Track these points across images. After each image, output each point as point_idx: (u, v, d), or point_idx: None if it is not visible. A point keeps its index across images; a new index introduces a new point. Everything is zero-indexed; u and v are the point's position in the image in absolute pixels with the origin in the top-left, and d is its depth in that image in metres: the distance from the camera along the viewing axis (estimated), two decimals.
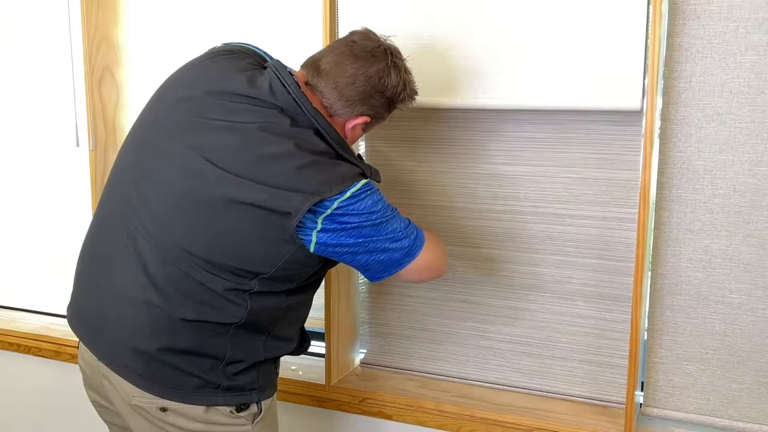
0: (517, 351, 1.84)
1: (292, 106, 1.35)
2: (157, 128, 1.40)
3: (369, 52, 1.40)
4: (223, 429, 1.42)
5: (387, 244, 1.36)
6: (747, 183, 1.56)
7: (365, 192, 1.32)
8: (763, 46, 1.50)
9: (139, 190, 1.38)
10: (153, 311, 1.35)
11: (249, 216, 1.30)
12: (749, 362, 1.61)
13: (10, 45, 2.25)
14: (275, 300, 1.41)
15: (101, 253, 1.44)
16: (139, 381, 1.37)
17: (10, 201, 2.35)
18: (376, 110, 1.44)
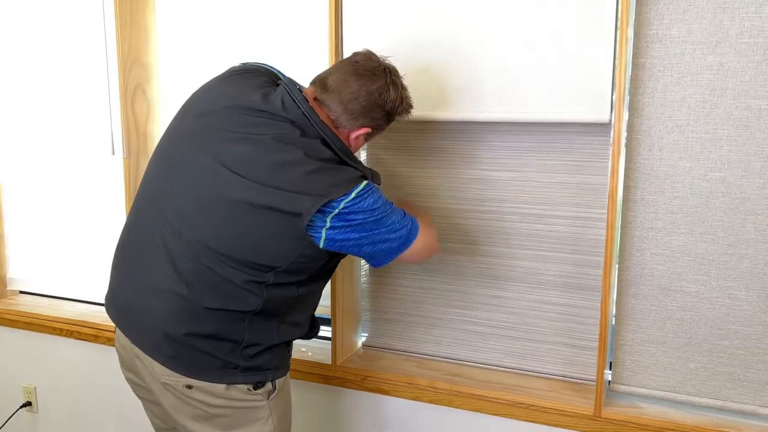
0: (500, 335, 1.84)
1: (301, 119, 1.35)
2: (183, 139, 1.40)
3: (370, 71, 1.41)
4: (241, 404, 1.43)
5: (387, 235, 1.37)
6: (702, 187, 1.56)
7: (367, 192, 1.33)
8: (716, 66, 1.51)
9: (168, 194, 1.39)
10: (180, 301, 1.36)
11: (265, 217, 1.31)
12: (704, 344, 1.62)
13: (54, 65, 2.26)
14: (288, 290, 1.41)
15: (135, 250, 1.45)
16: (167, 362, 1.38)
17: (54, 203, 2.36)
18: (376, 122, 1.45)
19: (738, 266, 1.58)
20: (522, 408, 1.73)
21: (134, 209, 1.49)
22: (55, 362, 2.35)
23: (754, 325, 1.59)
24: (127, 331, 1.45)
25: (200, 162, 1.35)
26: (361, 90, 1.40)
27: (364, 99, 1.40)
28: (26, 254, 2.46)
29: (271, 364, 1.46)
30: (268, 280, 1.37)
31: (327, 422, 1.99)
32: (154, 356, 1.40)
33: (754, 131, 1.52)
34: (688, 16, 1.52)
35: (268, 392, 1.46)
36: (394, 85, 1.43)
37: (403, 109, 1.47)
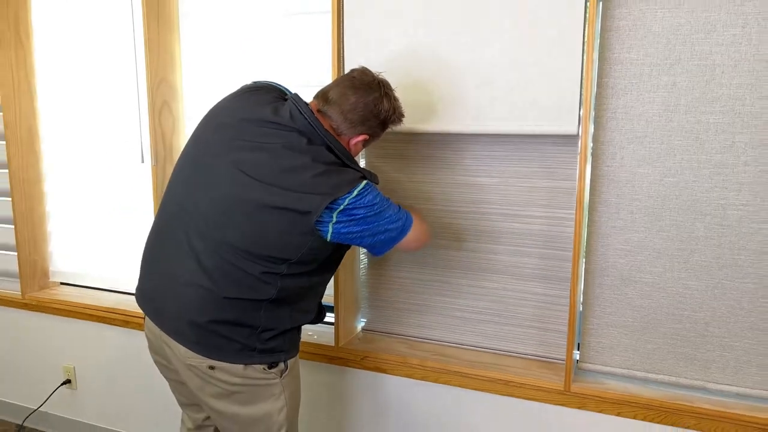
0: (482, 320, 1.83)
1: (308, 128, 1.35)
2: (204, 149, 1.39)
3: (366, 84, 1.40)
4: (257, 382, 1.41)
5: (386, 226, 1.36)
6: (658, 190, 1.56)
7: (367, 190, 1.32)
8: (670, 85, 1.51)
9: (191, 197, 1.37)
10: (204, 292, 1.35)
11: (278, 215, 1.29)
12: (660, 328, 1.62)
13: (92, 85, 2.25)
14: (300, 280, 1.40)
15: (162, 248, 1.43)
16: (192, 346, 1.37)
17: (91, 205, 2.34)
18: (373, 130, 1.44)
19: (689, 259, 1.57)
20: (501, 384, 1.72)
21: (161, 212, 1.47)
22: (91, 345, 2.34)
23: (703, 311, 1.58)
24: (156, 319, 1.43)
25: (220, 169, 1.34)
26: (359, 102, 1.39)
27: (361, 110, 1.39)
28: (67, 250, 2.45)
29: (284, 347, 1.44)
30: (282, 271, 1.35)
31: (331, 397, 1.98)
32: (180, 341, 1.38)
33: (703, 142, 1.51)
34: (646, 41, 1.51)
35: (281, 371, 1.44)
36: (387, 97, 1.42)
37: (395, 118, 1.47)
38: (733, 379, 1.58)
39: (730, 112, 1.47)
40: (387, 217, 1.36)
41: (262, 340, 1.39)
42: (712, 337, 1.58)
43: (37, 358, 2.46)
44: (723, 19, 1.45)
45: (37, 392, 2.49)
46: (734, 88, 1.46)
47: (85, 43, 2.24)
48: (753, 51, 1.44)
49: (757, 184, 1.48)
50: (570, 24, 1.50)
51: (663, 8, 1.49)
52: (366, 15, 1.69)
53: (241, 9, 1.97)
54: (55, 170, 2.40)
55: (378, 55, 1.69)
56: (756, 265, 1.52)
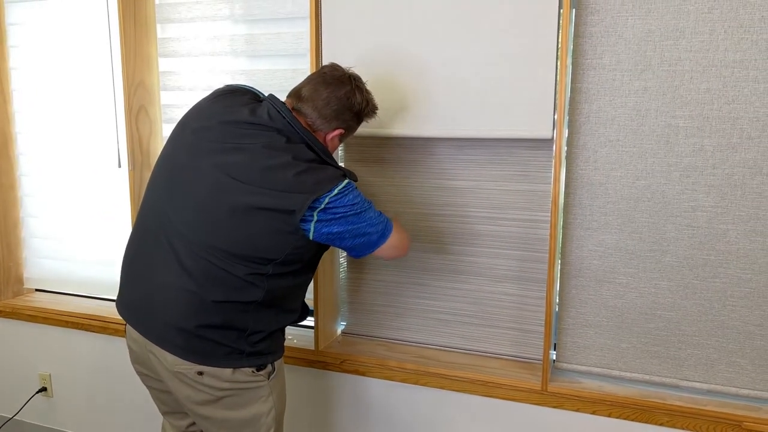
0: (460, 321, 1.85)
1: (286, 127, 1.35)
2: (183, 152, 1.38)
3: (337, 79, 1.41)
4: (246, 385, 1.41)
5: (366, 229, 1.36)
6: (631, 193, 1.59)
7: (348, 189, 1.33)
8: (641, 90, 1.54)
9: (171, 201, 1.36)
10: (189, 296, 1.33)
11: (262, 216, 1.29)
12: (634, 327, 1.64)
13: (68, 89, 2.23)
14: (285, 280, 1.39)
15: (143, 253, 1.42)
16: (179, 352, 1.35)
17: (66, 210, 2.32)
18: (347, 123, 1.44)
19: (661, 260, 1.60)
20: (480, 385, 1.73)
21: (140, 218, 1.45)
22: (68, 352, 2.31)
23: (675, 311, 1.61)
24: (140, 328, 1.41)
25: (201, 171, 1.33)
26: (331, 96, 1.40)
27: (334, 104, 1.40)
28: (42, 256, 2.41)
29: (272, 348, 1.44)
30: (268, 271, 1.35)
31: (311, 400, 1.97)
32: (167, 348, 1.36)
33: (674, 146, 1.54)
34: (618, 47, 1.54)
35: (269, 373, 1.44)
36: (359, 89, 1.43)
37: (369, 111, 1.47)
38: (705, 377, 1.62)
39: (699, 116, 1.51)
40: (367, 219, 1.36)
41: (250, 342, 1.39)
42: (684, 336, 1.61)
43: (12, 366, 2.42)
44: (691, 26, 1.48)
45: (12, 400, 2.44)
46: (703, 93, 1.50)
47: (60, 46, 2.21)
48: (720, 57, 1.47)
49: (725, 187, 1.52)
50: (544, 30, 1.52)
51: (634, 15, 1.52)
52: (342, 21, 1.69)
53: (220, 13, 1.97)
54: (29, 175, 2.36)
55: (355, 60, 1.69)
56: (725, 264, 1.55)
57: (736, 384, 1.60)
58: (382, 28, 1.66)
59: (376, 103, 1.49)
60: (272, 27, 1.92)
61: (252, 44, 1.94)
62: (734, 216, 1.53)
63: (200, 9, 1.98)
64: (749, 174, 1.50)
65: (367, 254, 1.42)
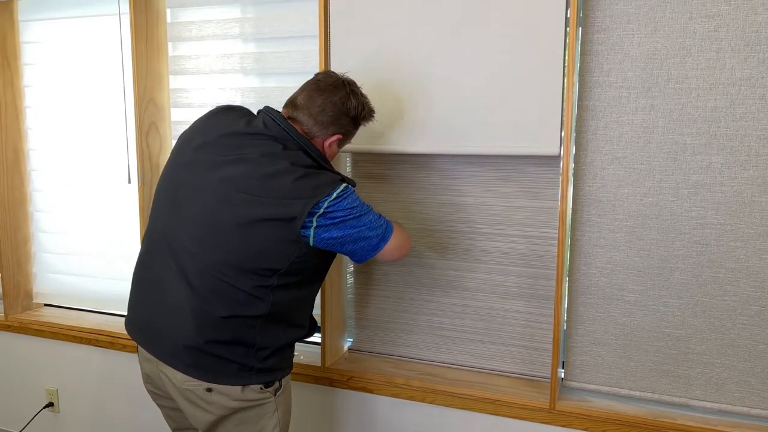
0: (467, 338, 1.83)
1: (282, 134, 1.36)
2: (186, 169, 1.38)
3: (331, 85, 1.41)
4: (254, 403, 1.40)
5: (367, 232, 1.35)
6: (638, 210, 1.58)
7: (346, 193, 1.32)
8: (648, 107, 1.54)
9: (178, 219, 1.36)
10: (197, 312, 1.34)
11: (265, 226, 1.29)
12: (642, 345, 1.63)
13: (78, 105, 2.25)
14: (290, 292, 1.38)
15: (151, 273, 1.42)
16: (188, 370, 1.36)
17: (77, 226, 2.33)
18: (345, 128, 1.44)
19: (670, 278, 1.58)
20: (487, 403, 1.72)
21: (147, 237, 1.46)
22: (75, 367, 2.31)
23: (684, 328, 1.59)
24: (150, 347, 1.42)
25: (205, 187, 1.34)
26: (326, 102, 1.40)
27: (330, 110, 1.40)
28: (52, 271, 2.42)
29: (280, 365, 1.44)
30: (273, 283, 1.34)
31: (318, 417, 1.96)
32: (176, 366, 1.37)
33: (681, 163, 1.54)
34: (624, 65, 1.55)
35: (276, 390, 1.44)
36: (354, 94, 1.43)
37: (366, 114, 1.47)
38: (715, 396, 1.59)
39: (707, 133, 1.51)
40: (367, 222, 1.35)
41: (259, 358, 1.38)
42: (694, 354, 1.59)
43: (20, 381, 2.42)
44: (698, 44, 1.48)
45: (19, 415, 2.44)
46: (710, 111, 1.50)
47: (73, 64, 2.24)
48: (727, 75, 1.47)
49: (734, 204, 1.51)
50: (551, 47, 1.53)
51: (640, 33, 1.52)
52: (350, 40, 1.71)
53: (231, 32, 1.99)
54: (41, 191, 2.38)
55: (363, 78, 1.70)
56: (734, 282, 1.54)
57: (747, 404, 1.57)
58: (390, 46, 1.67)
59: (372, 106, 1.49)
60: (282, 45, 1.93)
61: (261, 62, 1.96)
62: (743, 233, 1.51)
63: (211, 28, 2.00)
64: (758, 191, 1.49)
65: (370, 258, 1.41)
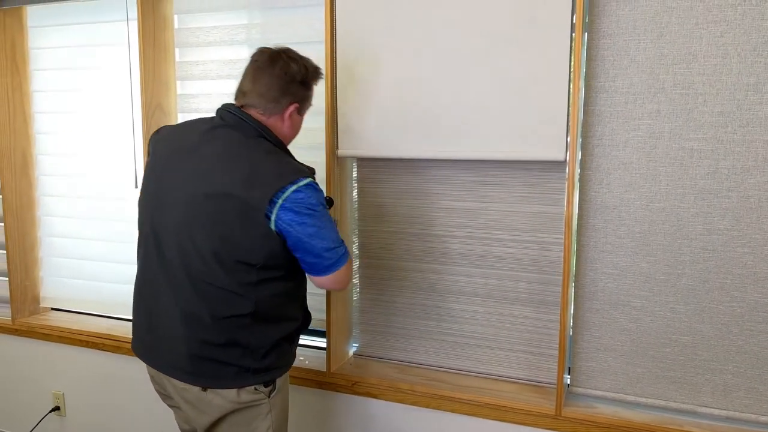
0: (472, 344, 1.83)
1: (239, 123, 1.38)
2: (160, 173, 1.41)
3: (268, 60, 1.41)
4: (248, 404, 1.41)
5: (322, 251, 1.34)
6: (645, 215, 1.57)
7: (310, 187, 1.33)
8: (654, 112, 1.53)
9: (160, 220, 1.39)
10: (188, 320, 1.36)
11: (234, 211, 1.30)
12: (649, 352, 1.62)
13: (86, 110, 2.26)
14: (275, 287, 1.39)
15: (147, 291, 1.45)
16: (190, 378, 1.39)
17: (84, 230, 2.34)
18: (297, 95, 1.43)
19: (677, 283, 1.57)
20: (492, 409, 1.71)
21: (139, 253, 1.48)
22: (81, 371, 2.32)
23: (691, 335, 1.58)
24: (154, 364, 1.46)
25: (176, 184, 1.37)
26: (270, 78, 1.39)
27: (276, 83, 1.40)
28: (59, 275, 2.42)
29: (279, 363, 1.44)
30: (253, 279, 1.35)
31: (322, 422, 1.95)
32: (177, 376, 1.40)
33: (687, 168, 1.53)
34: (630, 70, 1.54)
35: (270, 391, 1.44)
36: (292, 59, 1.41)
37: (312, 74, 1.45)
38: (723, 403, 1.58)
39: (713, 139, 1.50)
40: (326, 238, 1.34)
41: (256, 358, 1.39)
42: (701, 361, 1.58)
43: (27, 385, 2.42)
44: (704, 49, 1.48)
45: (25, 419, 2.44)
46: (716, 116, 1.49)
47: (81, 70, 2.25)
48: (734, 80, 1.47)
49: (741, 210, 1.50)
50: (556, 53, 1.53)
51: (646, 39, 1.52)
52: (357, 46, 1.71)
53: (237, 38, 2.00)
54: (48, 196, 2.39)
55: (369, 83, 1.71)
56: (741, 289, 1.53)
57: (755, 411, 1.56)
58: (396, 51, 1.68)
59: (315, 65, 1.47)
60: None
61: None
62: (750, 239, 1.50)
63: (218, 34, 2.01)
64: (765, 197, 1.48)
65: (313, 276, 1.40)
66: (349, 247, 1.92)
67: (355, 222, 1.92)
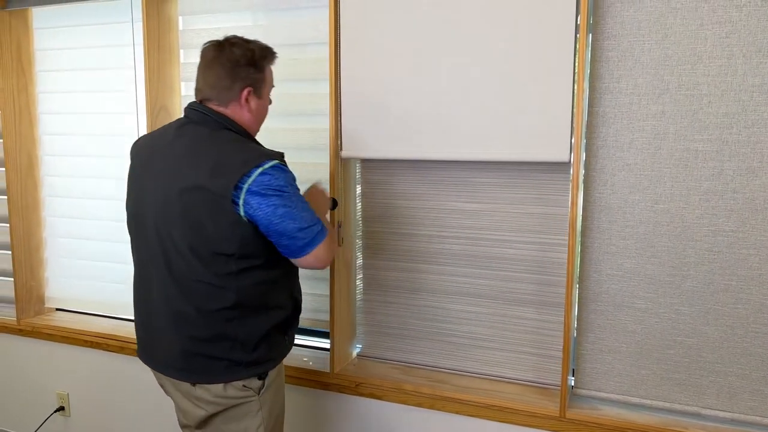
0: (476, 345, 1.82)
1: (203, 118, 1.40)
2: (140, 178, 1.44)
3: (213, 52, 1.42)
4: (235, 401, 1.42)
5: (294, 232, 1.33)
6: (649, 217, 1.57)
7: (277, 168, 1.33)
8: (659, 114, 1.53)
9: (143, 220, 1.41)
10: (176, 318, 1.38)
11: (203, 202, 1.31)
12: (654, 353, 1.61)
13: (91, 111, 2.27)
14: (257, 276, 1.38)
15: (142, 291, 1.48)
16: (182, 375, 1.41)
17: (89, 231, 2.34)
18: (248, 78, 1.42)
19: (681, 285, 1.57)
20: (496, 410, 1.70)
21: (132, 251, 1.51)
22: (86, 371, 2.32)
23: (696, 336, 1.57)
24: (147, 360, 1.49)
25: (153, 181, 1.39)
26: (218, 68, 1.40)
27: (223, 72, 1.40)
28: (64, 276, 2.43)
29: (270, 355, 1.44)
30: (233, 269, 1.35)
31: (326, 424, 1.95)
32: (169, 373, 1.43)
33: (692, 169, 1.52)
34: (635, 71, 1.54)
35: (259, 388, 1.44)
36: (234, 45, 1.41)
37: (260, 54, 1.43)
38: (727, 405, 1.57)
39: (718, 140, 1.49)
40: (297, 216, 1.33)
41: (246, 350, 1.39)
42: (705, 363, 1.57)
43: (31, 385, 2.43)
44: (709, 50, 1.47)
45: (29, 419, 2.45)
46: (721, 117, 1.48)
47: (86, 71, 2.26)
48: (739, 81, 1.46)
49: (746, 211, 1.49)
50: (561, 54, 1.53)
51: (650, 40, 1.51)
52: (360, 47, 1.71)
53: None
54: (54, 197, 2.40)
55: (373, 84, 1.71)
56: (746, 290, 1.52)
57: (760, 413, 1.55)
58: (400, 52, 1.68)
59: (264, 45, 1.46)
60: (292, 53, 1.94)
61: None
62: (756, 241, 1.50)
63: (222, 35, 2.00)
64: None
65: (296, 258, 1.38)
66: (353, 249, 1.92)
67: (359, 223, 1.92)
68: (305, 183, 1.96)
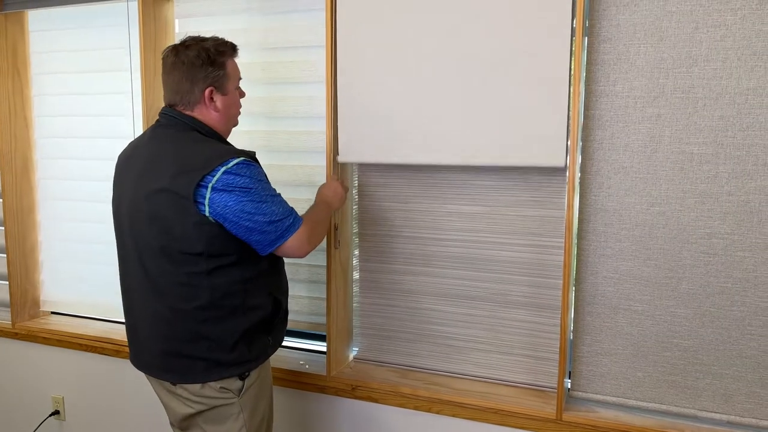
0: (473, 348, 1.82)
1: (172, 121, 1.42)
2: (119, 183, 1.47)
3: (170, 57, 1.43)
4: (214, 402, 1.42)
5: (264, 226, 1.33)
6: (645, 219, 1.57)
7: (242, 165, 1.32)
8: (655, 117, 1.53)
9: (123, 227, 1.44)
10: (156, 319, 1.40)
11: (168, 203, 1.32)
12: (650, 356, 1.61)
13: (88, 114, 2.26)
14: (230, 275, 1.38)
15: (128, 296, 1.49)
16: (163, 375, 1.43)
17: (84, 234, 2.33)
18: (209, 77, 1.42)
19: (677, 287, 1.57)
20: (492, 413, 1.70)
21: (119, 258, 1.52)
22: (81, 375, 2.31)
23: (692, 339, 1.57)
24: (134, 361, 1.52)
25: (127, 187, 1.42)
26: (177, 73, 1.41)
27: (183, 75, 1.41)
28: (59, 279, 2.42)
29: (251, 355, 1.43)
30: (204, 268, 1.35)
31: (322, 427, 1.94)
32: (152, 373, 1.46)
33: (688, 172, 1.53)
34: (630, 74, 1.54)
35: (238, 390, 1.43)
36: (188, 47, 1.41)
37: (214, 51, 1.42)
38: (723, 408, 1.57)
39: (713, 143, 1.50)
40: (266, 211, 1.33)
41: (224, 350, 1.39)
42: (701, 365, 1.57)
43: (26, 388, 2.42)
44: (704, 53, 1.48)
45: (24, 423, 2.43)
46: (717, 120, 1.49)
47: (82, 74, 2.25)
48: (734, 84, 1.46)
49: (741, 214, 1.50)
50: (557, 58, 1.53)
51: (646, 43, 1.52)
52: (357, 50, 1.71)
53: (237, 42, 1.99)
54: (49, 200, 2.39)
55: (369, 88, 1.70)
56: (742, 293, 1.52)
57: (756, 415, 1.55)
58: (396, 56, 1.67)
59: (221, 40, 1.46)
60: (288, 55, 1.94)
61: (268, 72, 1.96)
62: (751, 243, 1.50)
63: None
64: (765, 201, 1.48)
65: (270, 251, 1.37)
66: (350, 252, 1.91)
67: (356, 226, 1.91)
68: (300, 186, 1.97)
